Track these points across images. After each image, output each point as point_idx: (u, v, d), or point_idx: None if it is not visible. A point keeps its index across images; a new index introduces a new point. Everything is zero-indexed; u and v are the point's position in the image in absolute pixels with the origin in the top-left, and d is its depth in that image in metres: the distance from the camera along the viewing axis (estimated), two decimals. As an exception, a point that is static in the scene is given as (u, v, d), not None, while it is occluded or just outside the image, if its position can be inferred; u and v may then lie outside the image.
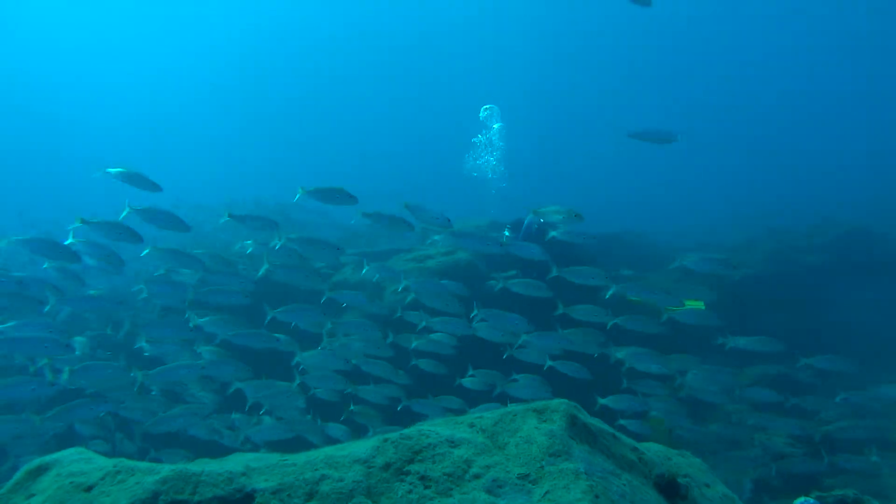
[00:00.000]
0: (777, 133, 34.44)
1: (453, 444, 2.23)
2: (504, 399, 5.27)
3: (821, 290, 10.40)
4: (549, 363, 5.40)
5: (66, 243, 5.05)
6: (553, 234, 6.20)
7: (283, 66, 40.83)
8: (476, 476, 2.08)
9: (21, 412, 5.42)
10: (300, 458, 2.20)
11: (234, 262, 7.15)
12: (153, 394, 5.69)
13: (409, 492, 2.04)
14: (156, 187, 5.45)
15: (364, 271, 6.48)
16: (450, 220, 5.37)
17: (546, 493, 1.93)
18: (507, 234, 6.85)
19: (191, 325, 5.41)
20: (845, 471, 5.08)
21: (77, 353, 5.70)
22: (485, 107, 11.82)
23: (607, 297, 6.28)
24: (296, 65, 40.79)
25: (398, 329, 7.38)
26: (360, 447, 2.25)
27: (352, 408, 5.84)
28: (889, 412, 5.90)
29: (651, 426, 5.50)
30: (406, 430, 2.31)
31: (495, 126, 11.89)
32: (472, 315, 5.54)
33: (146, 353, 5.75)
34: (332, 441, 5.21)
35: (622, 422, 5.25)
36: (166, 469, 1.94)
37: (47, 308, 5.19)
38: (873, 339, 8.91)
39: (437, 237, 7.11)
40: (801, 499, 2.93)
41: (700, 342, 6.39)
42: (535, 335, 5.24)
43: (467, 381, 5.66)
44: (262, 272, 5.78)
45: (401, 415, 5.74)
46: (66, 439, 5.63)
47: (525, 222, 6.83)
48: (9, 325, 4.62)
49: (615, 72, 35.06)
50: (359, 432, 5.66)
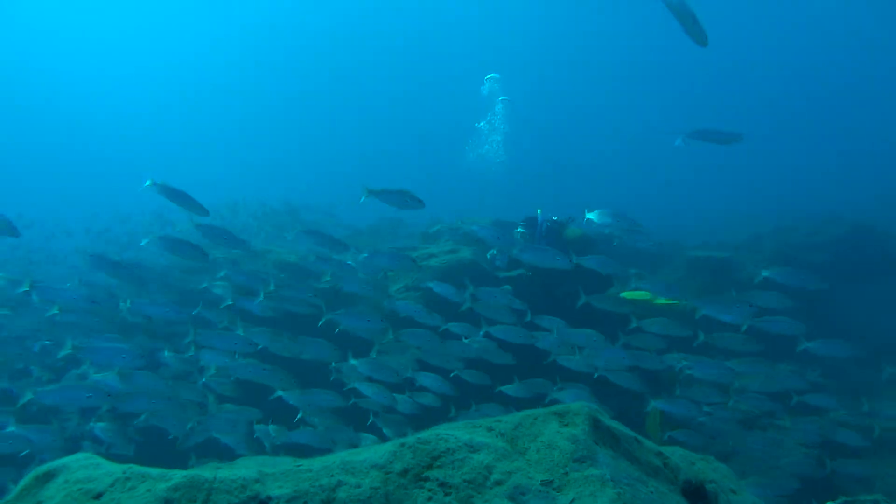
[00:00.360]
0: (779, 131, 34.35)
1: (473, 448, 2.16)
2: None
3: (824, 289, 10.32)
4: (600, 371, 5.16)
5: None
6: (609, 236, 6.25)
7: (283, 65, 40.72)
8: (498, 483, 2.01)
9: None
10: (315, 463, 2.13)
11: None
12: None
13: (429, 499, 1.98)
14: (203, 211, 5.29)
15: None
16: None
17: (572, 500, 1.87)
18: (520, 230, 6.73)
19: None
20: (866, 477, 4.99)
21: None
22: (488, 76, 11.58)
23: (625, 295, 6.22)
24: (295, 64, 40.67)
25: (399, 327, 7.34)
26: (377, 452, 2.18)
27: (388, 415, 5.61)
28: None
29: (647, 418, 5.38)
30: (423, 434, 2.24)
31: (500, 99, 11.67)
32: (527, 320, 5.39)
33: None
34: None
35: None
36: (178, 476, 1.87)
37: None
38: (879, 337, 8.86)
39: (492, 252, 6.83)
40: None
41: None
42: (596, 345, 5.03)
43: (510, 389, 5.37)
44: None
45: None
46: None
47: (539, 220, 6.73)
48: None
49: (617, 67, 34.94)
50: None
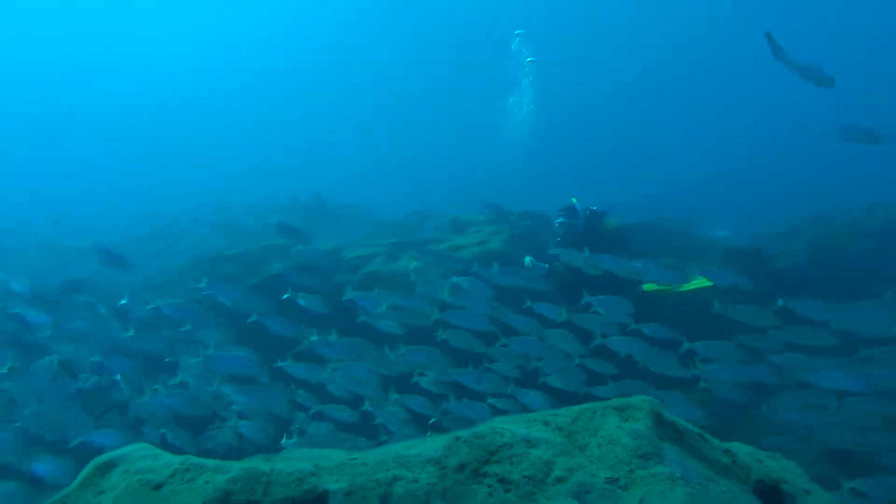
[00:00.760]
0: (811, 119, 33.18)
1: (530, 443, 2.09)
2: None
3: (869, 277, 9.95)
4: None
5: None
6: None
7: (307, 62, 40.85)
8: (560, 480, 1.94)
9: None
10: (369, 456, 2.09)
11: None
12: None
13: (489, 495, 1.91)
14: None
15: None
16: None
17: (641, 500, 1.78)
18: (560, 220, 6.56)
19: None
20: None
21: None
22: (516, 32, 11.31)
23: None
24: (320, 58, 40.75)
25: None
26: (431, 446, 2.12)
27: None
28: None
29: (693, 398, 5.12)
30: (478, 428, 2.18)
31: (527, 60, 11.41)
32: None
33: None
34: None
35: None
36: (236, 468, 1.85)
37: None
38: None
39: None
40: None
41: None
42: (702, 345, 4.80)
43: (553, 381, 5.10)
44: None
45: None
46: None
47: (580, 209, 6.56)
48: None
49: (646, 51, 34.07)
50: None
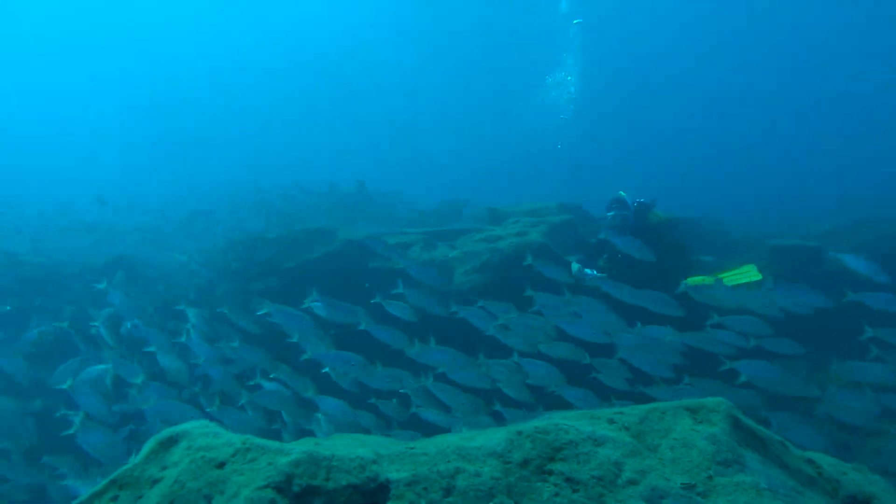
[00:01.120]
0: (860, 121, 31.70)
1: (597, 442, 1.99)
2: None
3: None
4: (729, 364, 4.69)
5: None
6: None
7: (340, 49, 40.94)
8: (631, 482, 1.84)
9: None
10: (428, 447, 2.02)
11: None
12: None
13: (556, 494, 1.83)
14: None
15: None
16: None
17: (724, 509, 1.67)
18: (612, 213, 6.38)
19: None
20: None
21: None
22: None
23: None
24: (351, 47, 40.80)
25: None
26: (492, 439, 2.04)
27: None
28: None
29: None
30: (540, 423, 2.09)
31: (575, 22, 11.15)
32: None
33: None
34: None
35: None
36: (297, 450, 1.80)
37: None
38: None
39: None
40: None
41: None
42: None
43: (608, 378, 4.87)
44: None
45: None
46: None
47: (630, 202, 6.38)
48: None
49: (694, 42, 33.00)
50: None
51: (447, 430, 4.78)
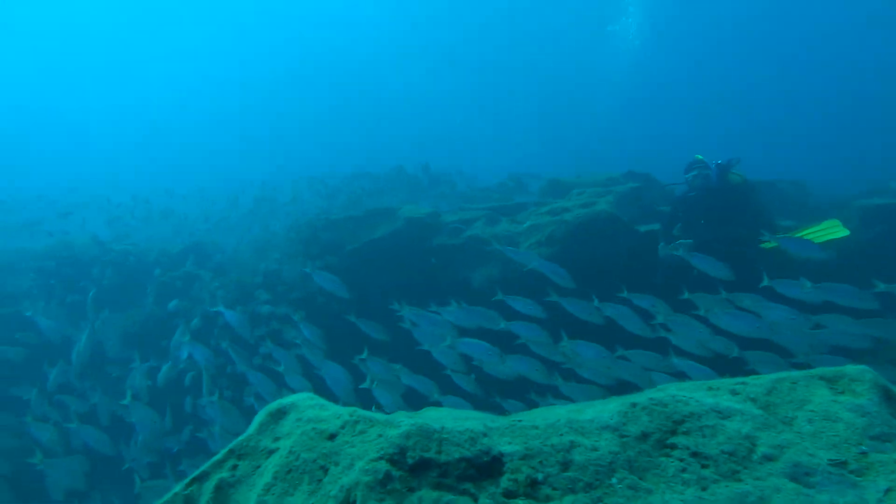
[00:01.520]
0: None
1: (722, 414, 1.83)
2: None
3: None
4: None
5: None
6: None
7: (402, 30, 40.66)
8: (768, 458, 1.67)
9: None
10: (536, 419, 1.92)
11: None
12: None
13: (683, 470, 1.69)
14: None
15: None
16: None
17: (888, 491, 1.48)
18: (694, 174, 6.01)
19: None
20: None
21: None
22: None
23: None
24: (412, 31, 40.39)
25: (530, 285, 7.03)
26: (604, 412, 1.92)
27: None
28: None
29: None
30: (655, 395, 1.95)
31: None
32: None
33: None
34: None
35: None
36: (406, 423, 1.75)
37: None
38: None
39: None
40: None
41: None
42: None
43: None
44: None
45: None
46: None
47: (711, 164, 5.99)
48: None
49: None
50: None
51: None
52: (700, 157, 6.12)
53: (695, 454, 1.72)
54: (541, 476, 1.68)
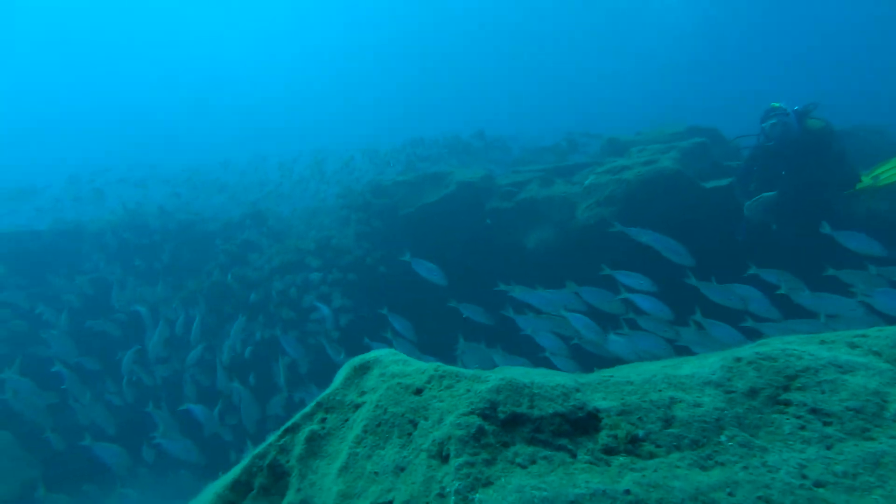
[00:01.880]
0: None
1: (842, 369, 1.66)
2: None
3: None
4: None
5: None
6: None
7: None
8: (904, 416, 1.50)
9: None
10: (630, 375, 1.81)
11: None
12: None
13: (801, 427, 1.54)
14: None
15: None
16: None
17: None
18: (773, 122, 5.55)
19: None
20: None
21: None
22: None
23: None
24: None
25: (587, 248, 6.79)
26: (704, 367, 1.78)
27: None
28: None
29: None
30: (761, 349, 1.79)
31: None
32: None
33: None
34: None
35: None
36: (494, 378, 1.67)
37: None
38: None
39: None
40: None
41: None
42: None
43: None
44: None
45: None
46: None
47: (789, 110, 5.51)
48: None
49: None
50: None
51: None
52: (777, 104, 5.62)
53: (814, 410, 1.57)
54: (641, 433, 1.57)
